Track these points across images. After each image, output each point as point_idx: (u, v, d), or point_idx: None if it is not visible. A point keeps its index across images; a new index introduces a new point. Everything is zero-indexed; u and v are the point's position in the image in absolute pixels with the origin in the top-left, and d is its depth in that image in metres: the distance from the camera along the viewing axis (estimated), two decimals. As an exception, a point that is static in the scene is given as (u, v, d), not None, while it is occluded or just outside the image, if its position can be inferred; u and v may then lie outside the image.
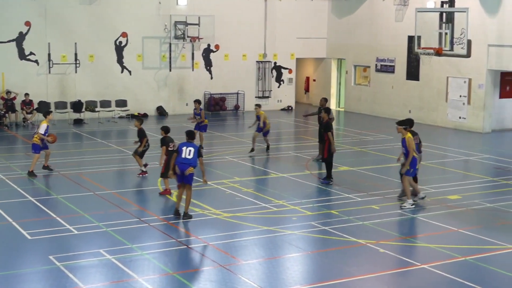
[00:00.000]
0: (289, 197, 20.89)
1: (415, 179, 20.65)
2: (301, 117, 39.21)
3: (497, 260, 15.72)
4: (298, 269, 15.18)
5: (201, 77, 41.22)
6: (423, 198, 20.39)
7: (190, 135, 18.72)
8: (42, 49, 36.84)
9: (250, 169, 25.56)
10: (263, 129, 28.10)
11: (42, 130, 23.66)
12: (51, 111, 24.79)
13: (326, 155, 22.74)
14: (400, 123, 20.19)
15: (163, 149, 21.14)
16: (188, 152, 18.29)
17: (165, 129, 21.57)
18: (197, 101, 29.16)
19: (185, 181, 18.41)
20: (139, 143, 23.61)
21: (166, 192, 21.14)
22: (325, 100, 26.75)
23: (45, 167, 24.20)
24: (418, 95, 38.32)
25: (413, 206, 19.85)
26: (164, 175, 20.84)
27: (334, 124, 24.99)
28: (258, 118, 28.14)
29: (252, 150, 27.92)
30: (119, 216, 18.80)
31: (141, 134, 23.65)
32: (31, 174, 23.47)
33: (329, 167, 22.88)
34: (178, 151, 18.50)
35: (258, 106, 28.56)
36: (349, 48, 43.11)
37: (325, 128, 23.00)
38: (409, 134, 19.84)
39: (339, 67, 44.87)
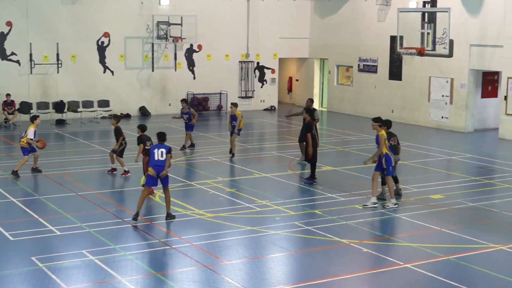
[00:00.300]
0: (272, 197, 20.89)
1: (396, 179, 20.71)
2: (284, 117, 39.24)
3: (479, 259, 15.78)
4: (281, 269, 15.19)
5: (184, 77, 41.17)
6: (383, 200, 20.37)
7: (160, 137, 18.66)
8: (24, 49, 36.68)
9: (233, 169, 25.55)
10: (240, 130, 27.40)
11: (30, 135, 23.52)
12: (38, 116, 24.56)
13: (310, 156, 22.75)
14: (375, 120, 20.25)
15: (140, 147, 21.10)
16: (160, 154, 18.20)
17: (142, 128, 21.64)
18: (184, 100, 29.06)
19: (163, 184, 18.39)
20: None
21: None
22: (311, 101, 26.28)
23: (34, 169, 24.12)
24: (401, 95, 38.43)
25: (396, 205, 19.89)
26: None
27: (317, 124, 24.82)
28: (233, 118, 27.10)
29: (233, 155, 27.21)
30: (101, 217, 18.75)
31: (118, 133, 23.73)
32: (15, 173, 23.38)
33: (313, 167, 22.91)
34: (150, 153, 18.49)
35: (234, 105, 27.55)
36: (331, 48, 43.17)
37: (306, 129, 23.08)
38: (382, 131, 19.94)
39: (322, 67, 44.93)
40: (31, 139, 23.52)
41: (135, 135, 22.56)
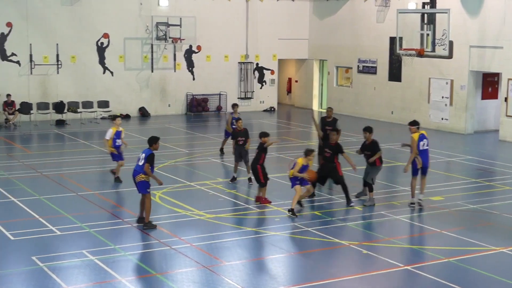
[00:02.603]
0: (272, 198, 20.87)
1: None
2: (284, 118, 39.26)
3: (480, 262, 15.77)
4: (281, 270, 15.20)
5: (183, 78, 41.18)
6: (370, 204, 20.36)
7: (149, 141, 17.79)
8: (24, 50, 36.70)
9: (233, 170, 25.51)
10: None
11: (108, 136, 22.51)
12: (118, 116, 22.91)
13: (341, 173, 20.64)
14: (412, 123, 20.66)
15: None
16: (141, 158, 17.55)
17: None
18: (236, 105, 27.58)
19: (138, 190, 17.80)
20: None
21: (264, 201, 20.30)
22: (331, 111, 24.37)
23: (113, 173, 23.28)
24: (400, 96, 38.44)
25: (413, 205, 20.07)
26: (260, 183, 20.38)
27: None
28: (236, 120, 25.06)
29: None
30: (101, 217, 18.76)
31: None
32: (117, 179, 22.91)
33: (345, 188, 20.52)
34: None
35: (236, 105, 27.31)
36: (331, 49, 43.19)
37: (336, 151, 20.51)
38: (415, 134, 20.13)
39: (321, 68, 44.95)
40: (106, 139, 22.56)
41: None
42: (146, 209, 17.69)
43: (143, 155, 17.49)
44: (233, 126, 26.18)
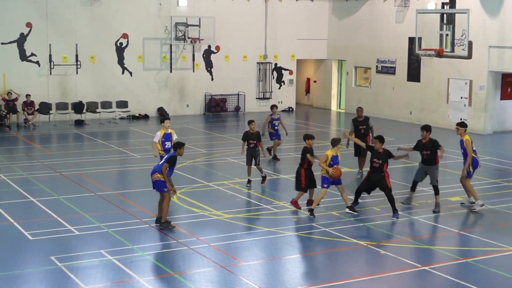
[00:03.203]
0: (290, 198, 20.85)
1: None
2: (302, 118, 39.27)
3: (498, 262, 15.71)
4: (298, 270, 15.20)
5: (202, 78, 41.24)
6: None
7: (174, 146, 18.04)
8: (43, 50, 36.87)
9: (251, 170, 25.52)
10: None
11: (156, 138, 21.49)
12: (166, 118, 22.01)
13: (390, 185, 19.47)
14: (460, 124, 20.29)
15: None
16: (163, 159, 17.79)
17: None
18: (275, 106, 27.38)
19: (155, 189, 17.88)
20: None
21: (295, 206, 19.84)
22: (362, 110, 24.74)
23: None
24: (419, 97, 38.33)
25: (483, 206, 19.92)
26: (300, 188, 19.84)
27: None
28: (275, 121, 26.58)
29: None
30: (120, 217, 18.81)
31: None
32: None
33: (391, 199, 19.40)
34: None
35: (275, 106, 27.13)
36: (349, 50, 43.13)
37: (386, 158, 19.37)
38: (467, 136, 19.88)
39: (340, 68, 44.88)
40: (155, 142, 21.45)
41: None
42: (163, 209, 17.72)
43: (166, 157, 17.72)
44: (275, 127, 26.38)
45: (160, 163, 17.77)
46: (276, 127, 26.80)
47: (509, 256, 16.19)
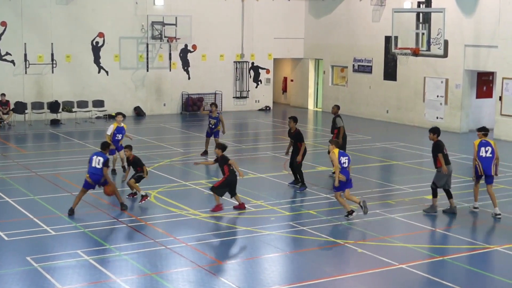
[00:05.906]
0: (267, 197, 20.88)
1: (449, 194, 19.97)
2: (279, 117, 39.27)
3: (475, 260, 15.80)
4: (276, 269, 15.19)
5: (179, 77, 41.15)
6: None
7: (102, 146, 19.52)
8: (18, 49, 36.64)
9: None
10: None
11: (109, 131, 23.57)
12: (119, 113, 24.32)
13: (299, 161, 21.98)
14: (481, 129, 20.08)
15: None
16: (97, 162, 18.90)
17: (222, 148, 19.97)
18: (214, 104, 27.85)
19: (102, 185, 19.14)
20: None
21: (217, 209, 19.42)
22: (337, 108, 25.14)
23: (113, 170, 23.88)
24: (396, 95, 38.46)
25: (500, 216, 19.41)
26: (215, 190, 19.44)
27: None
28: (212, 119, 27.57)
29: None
30: (96, 217, 18.74)
31: (139, 163, 20.64)
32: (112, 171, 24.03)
33: (300, 174, 22.11)
34: (89, 160, 19.12)
35: (215, 105, 27.76)
36: (326, 48, 43.19)
37: (297, 138, 22.33)
38: (477, 141, 19.69)
39: (317, 67, 44.94)
40: (107, 135, 23.45)
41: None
42: (117, 195, 19.32)
43: (101, 158, 18.97)
44: (211, 126, 27.56)
45: (94, 165, 18.88)
46: (212, 126, 27.61)
47: (485, 253, 16.27)
